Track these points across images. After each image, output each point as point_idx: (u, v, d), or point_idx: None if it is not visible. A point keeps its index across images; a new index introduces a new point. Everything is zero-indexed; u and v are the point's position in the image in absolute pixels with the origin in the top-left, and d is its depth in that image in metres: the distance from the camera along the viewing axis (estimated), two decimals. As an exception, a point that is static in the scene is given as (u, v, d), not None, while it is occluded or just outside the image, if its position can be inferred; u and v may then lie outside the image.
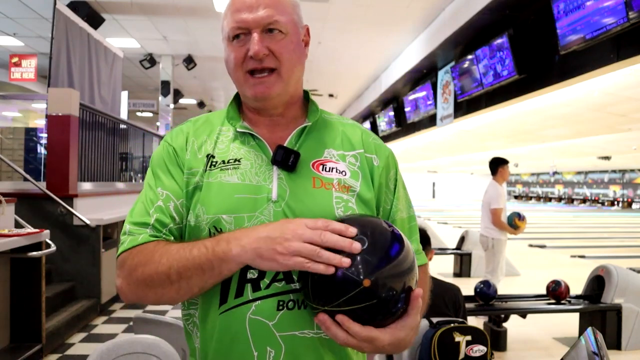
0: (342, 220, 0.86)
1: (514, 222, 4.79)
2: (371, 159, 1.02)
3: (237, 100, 1.07)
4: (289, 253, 0.81)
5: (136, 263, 0.91)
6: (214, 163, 0.98)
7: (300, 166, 0.97)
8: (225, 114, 1.05)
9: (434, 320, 2.50)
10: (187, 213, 0.96)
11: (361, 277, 0.79)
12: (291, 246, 0.81)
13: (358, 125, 1.09)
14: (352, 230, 0.82)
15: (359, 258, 0.80)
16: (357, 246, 0.80)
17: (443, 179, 32.86)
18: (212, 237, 0.89)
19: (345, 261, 0.79)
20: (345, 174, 0.98)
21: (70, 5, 6.58)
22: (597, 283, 4.10)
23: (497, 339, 3.85)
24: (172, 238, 0.96)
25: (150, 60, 9.67)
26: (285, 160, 0.95)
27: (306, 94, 1.08)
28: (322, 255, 0.80)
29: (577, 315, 4.12)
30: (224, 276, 0.88)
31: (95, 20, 7.18)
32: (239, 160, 0.97)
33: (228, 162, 0.97)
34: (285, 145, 0.98)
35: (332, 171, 0.98)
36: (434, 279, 2.18)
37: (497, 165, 4.97)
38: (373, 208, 1.00)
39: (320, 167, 0.98)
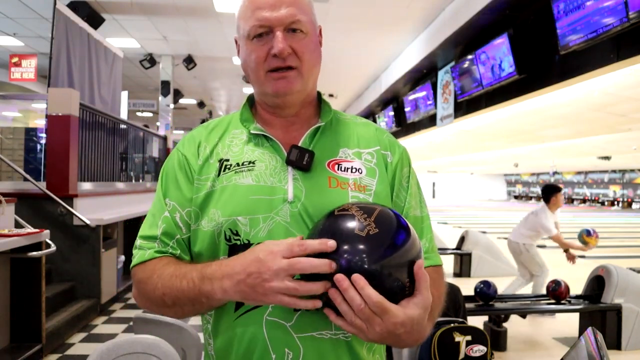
0: (347, 208, 0.84)
1: (583, 239, 4.72)
2: (386, 156, 1.02)
3: (250, 102, 1.07)
4: (271, 294, 0.78)
5: (140, 280, 0.95)
6: (227, 166, 0.97)
7: (315, 166, 0.96)
8: (238, 116, 1.05)
9: (434, 320, 2.50)
10: (197, 220, 0.96)
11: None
12: (271, 287, 0.78)
13: (371, 123, 1.09)
14: (332, 244, 0.78)
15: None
16: (333, 266, 0.77)
17: (443, 179, 32.86)
18: (198, 267, 0.88)
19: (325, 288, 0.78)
20: (362, 172, 0.98)
21: (70, 5, 6.58)
22: (597, 283, 4.10)
23: (497, 339, 3.85)
24: (179, 251, 0.97)
25: (150, 60, 9.68)
26: (300, 159, 0.95)
27: (318, 95, 1.08)
28: (302, 291, 0.77)
29: (577, 315, 4.12)
30: (216, 307, 0.91)
31: (95, 20, 7.17)
32: (253, 162, 0.97)
33: (242, 164, 0.97)
34: (299, 145, 0.98)
35: (347, 171, 0.97)
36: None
37: (550, 193, 4.93)
38: (389, 206, 0.99)
39: (336, 166, 0.98)
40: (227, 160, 0.98)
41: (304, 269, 0.77)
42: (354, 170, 0.98)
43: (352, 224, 0.80)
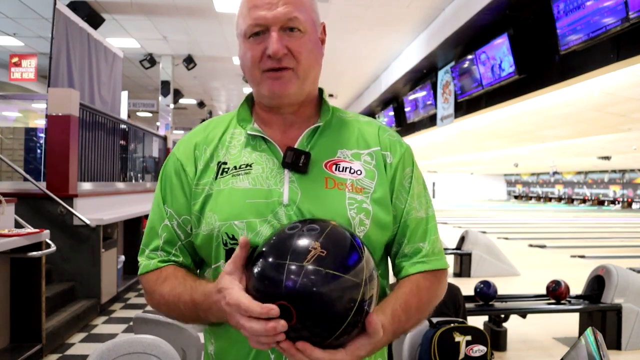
0: (296, 226, 0.82)
1: None
2: (385, 156, 0.99)
3: (249, 101, 1.05)
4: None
5: (146, 291, 1.00)
6: (225, 170, 0.96)
7: (312, 167, 0.94)
8: (236, 116, 1.03)
9: (434, 320, 2.50)
10: (199, 225, 0.96)
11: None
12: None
13: (375, 121, 1.06)
14: (274, 312, 0.75)
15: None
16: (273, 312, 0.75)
17: (443, 179, 32.86)
18: (190, 291, 0.91)
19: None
20: (361, 174, 0.96)
21: (70, 5, 6.58)
22: (597, 283, 4.10)
23: (497, 339, 3.84)
24: (181, 258, 0.99)
25: (150, 60, 9.68)
26: (296, 161, 0.93)
27: (320, 92, 1.04)
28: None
29: (577, 315, 4.12)
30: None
31: (95, 20, 7.18)
32: (250, 165, 0.96)
33: (239, 167, 0.96)
34: (296, 146, 0.96)
35: (345, 171, 0.95)
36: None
37: None
38: (389, 208, 0.97)
39: (334, 167, 0.96)
40: (225, 163, 0.97)
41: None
42: (352, 171, 0.96)
43: (301, 244, 0.78)
